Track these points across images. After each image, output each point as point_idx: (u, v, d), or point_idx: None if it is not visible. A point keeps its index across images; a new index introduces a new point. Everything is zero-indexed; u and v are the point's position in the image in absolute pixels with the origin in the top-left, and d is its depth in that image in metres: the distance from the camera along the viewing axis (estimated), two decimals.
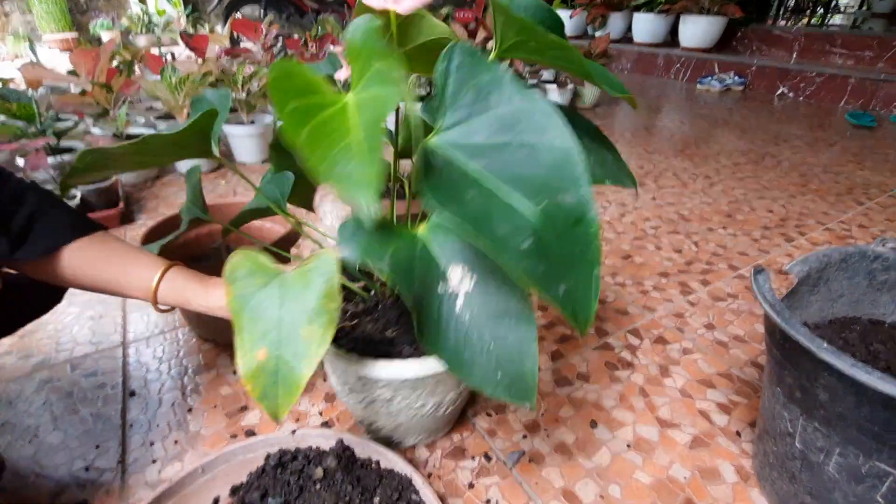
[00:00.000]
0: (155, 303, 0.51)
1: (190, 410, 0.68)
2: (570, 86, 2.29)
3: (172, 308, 0.54)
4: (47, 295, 0.61)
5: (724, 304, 0.94)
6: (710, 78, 2.98)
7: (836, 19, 3.94)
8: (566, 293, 0.29)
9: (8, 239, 0.46)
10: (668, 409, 0.69)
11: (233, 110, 1.63)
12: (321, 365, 0.76)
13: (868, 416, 0.40)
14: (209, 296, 0.50)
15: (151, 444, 0.63)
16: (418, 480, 0.53)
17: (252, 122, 1.62)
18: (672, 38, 3.48)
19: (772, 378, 0.51)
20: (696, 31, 3.13)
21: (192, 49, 1.82)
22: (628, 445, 0.64)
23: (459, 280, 0.39)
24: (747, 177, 1.59)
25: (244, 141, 1.62)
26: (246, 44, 2.12)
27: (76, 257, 0.49)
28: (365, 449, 0.57)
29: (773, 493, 0.54)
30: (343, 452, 0.57)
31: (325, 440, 0.58)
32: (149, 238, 0.76)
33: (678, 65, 3.31)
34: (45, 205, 0.48)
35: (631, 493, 0.58)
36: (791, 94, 2.85)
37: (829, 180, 1.57)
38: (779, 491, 0.53)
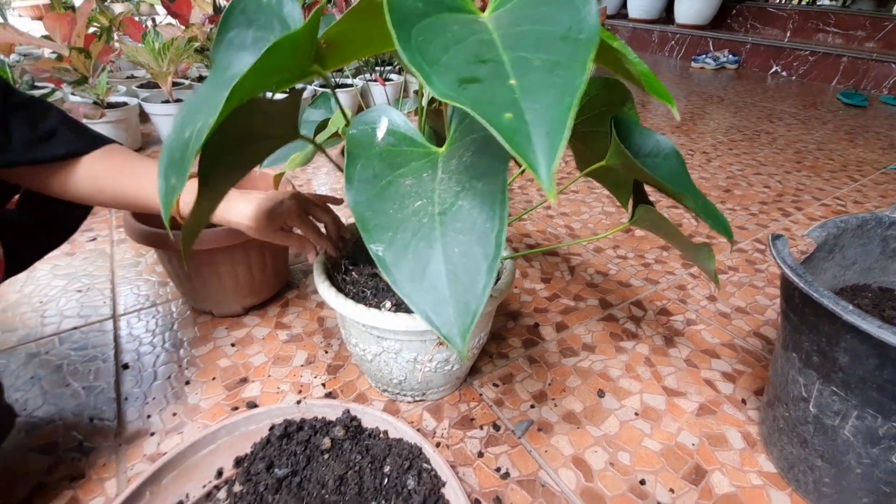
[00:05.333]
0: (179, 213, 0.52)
1: (188, 383, 0.66)
2: None
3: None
4: (53, 231, 0.61)
5: (725, 276, 0.94)
6: (704, 56, 2.96)
7: None
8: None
9: (35, 137, 0.47)
10: (674, 378, 0.69)
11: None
12: (323, 335, 0.74)
13: (890, 377, 0.40)
14: (229, 209, 0.55)
15: (148, 416, 0.61)
16: (429, 449, 0.52)
17: None
18: (667, 14, 3.44)
19: (787, 344, 0.50)
20: (692, 7, 3.09)
21: (173, 15, 1.73)
22: (636, 414, 0.63)
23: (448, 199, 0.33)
24: (743, 153, 1.58)
25: None
26: None
27: (96, 166, 0.50)
28: (372, 419, 0.56)
29: (782, 458, 0.55)
30: (350, 422, 0.55)
31: (331, 410, 0.57)
32: None
33: (673, 42, 3.28)
34: (67, 118, 0.50)
35: (640, 459, 0.57)
36: (784, 73, 2.85)
37: (824, 157, 1.57)
38: (788, 456, 0.54)
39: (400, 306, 0.54)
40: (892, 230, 0.54)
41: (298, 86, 1.71)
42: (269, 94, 0.48)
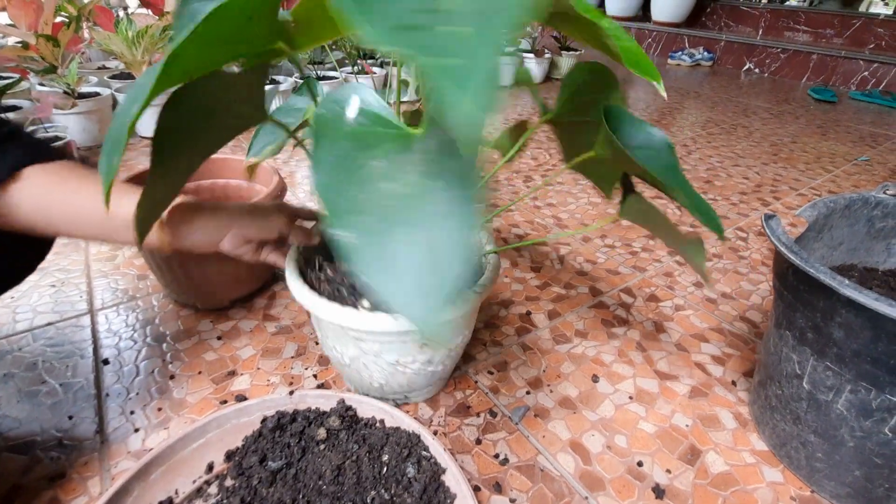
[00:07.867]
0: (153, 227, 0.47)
1: (172, 377, 0.64)
2: (547, 55, 2.27)
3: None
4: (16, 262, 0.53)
5: (710, 263, 0.95)
6: (680, 53, 3.02)
7: None
8: None
9: None
10: (666, 362, 0.70)
11: None
12: (312, 327, 0.72)
13: (884, 349, 0.40)
14: (191, 232, 0.50)
15: (132, 412, 0.59)
16: (427, 436, 0.51)
17: None
18: (644, 12, 3.49)
19: (780, 322, 0.51)
20: (668, 5, 3.15)
21: (146, 5, 1.68)
22: (630, 397, 0.64)
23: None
24: (722, 146, 1.62)
25: None
26: None
27: (41, 183, 0.43)
28: (368, 408, 0.55)
29: (774, 435, 0.56)
30: (345, 412, 0.54)
31: (325, 401, 0.55)
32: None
33: (650, 39, 3.33)
34: (14, 129, 0.44)
35: (636, 441, 0.58)
36: (757, 70, 2.92)
37: (798, 150, 1.62)
38: (780, 433, 0.54)
39: (380, 305, 0.52)
40: (878, 210, 0.56)
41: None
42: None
